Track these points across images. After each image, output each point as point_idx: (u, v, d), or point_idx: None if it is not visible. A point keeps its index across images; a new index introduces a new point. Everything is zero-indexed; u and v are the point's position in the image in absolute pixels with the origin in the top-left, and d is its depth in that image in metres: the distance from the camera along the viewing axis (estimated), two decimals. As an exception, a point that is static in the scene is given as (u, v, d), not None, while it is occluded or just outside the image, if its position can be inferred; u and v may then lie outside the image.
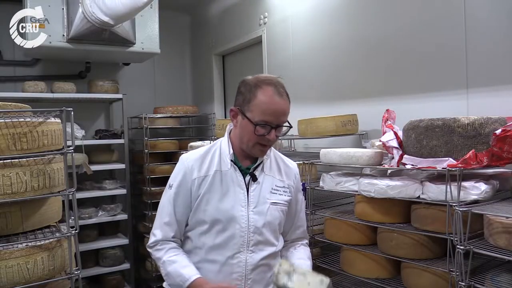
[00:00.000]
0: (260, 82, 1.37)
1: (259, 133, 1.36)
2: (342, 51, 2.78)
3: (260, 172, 1.47)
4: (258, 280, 1.43)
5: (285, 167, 1.55)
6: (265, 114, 1.34)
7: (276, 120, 1.36)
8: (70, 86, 3.60)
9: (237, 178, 1.44)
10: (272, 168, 1.51)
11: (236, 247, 1.41)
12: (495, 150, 1.46)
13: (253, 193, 1.44)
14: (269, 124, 1.35)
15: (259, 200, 1.44)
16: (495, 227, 1.39)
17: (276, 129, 1.37)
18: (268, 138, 1.37)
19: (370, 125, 2.52)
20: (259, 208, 1.43)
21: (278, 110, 1.35)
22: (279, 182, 1.50)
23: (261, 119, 1.34)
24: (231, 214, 1.41)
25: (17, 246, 1.66)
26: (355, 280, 2.02)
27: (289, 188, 1.51)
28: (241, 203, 1.42)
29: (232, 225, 1.41)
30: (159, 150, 3.99)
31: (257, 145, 1.39)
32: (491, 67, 1.92)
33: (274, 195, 1.47)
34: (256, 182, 1.45)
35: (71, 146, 1.80)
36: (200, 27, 4.76)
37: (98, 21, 3.03)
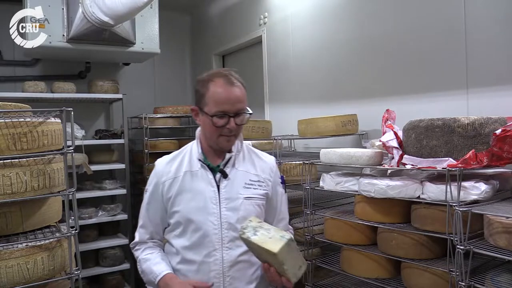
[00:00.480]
0: (211, 76, 1.41)
1: (218, 124, 1.38)
2: (342, 51, 2.78)
3: (231, 168, 1.47)
4: (238, 277, 1.42)
5: (259, 161, 1.55)
6: (219, 104, 1.36)
7: (232, 108, 1.37)
8: (70, 86, 3.60)
9: (207, 176, 1.45)
10: (245, 163, 1.51)
11: (211, 245, 1.41)
12: (495, 150, 1.46)
13: (224, 190, 1.44)
14: (226, 113, 1.37)
15: (231, 196, 1.44)
16: (495, 227, 1.39)
17: (235, 117, 1.38)
18: (229, 128, 1.38)
19: (370, 125, 2.52)
20: (232, 204, 1.44)
21: (232, 97, 1.37)
22: (253, 177, 1.50)
23: (217, 110, 1.37)
24: (203, 212, 1.42)
25: (17, 246, 1.66)
26: (355, 280, 2.02)
27: (265, 182, 1.51)
28: (212, 201, 1.43)
29: (205, 223, 1.41)
30: (159, 150, 3.98)
31: (221, 137, 1.41)
32: (491, 67, 1.92)
33: (248, 189, 1.47)
34: (227, 179, 1.46)
35: (71, 146, 1.80)
36: (200, 27, 4.76)
37: (98, 21, 3.03)
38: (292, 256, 1.28)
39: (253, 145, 2.99)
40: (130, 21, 3.35)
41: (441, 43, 2.14)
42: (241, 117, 1.41)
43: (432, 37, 2.18)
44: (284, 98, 3.37)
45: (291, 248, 1.27)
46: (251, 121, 2.68)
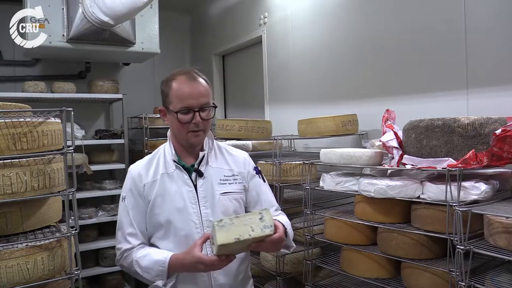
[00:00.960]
0: (173, 75, 1.44)
1: (184, 120, 1.39)
2: (342, 51, 2.78)
3: (205, 166, 1.48)
4: (224, 273, 1.43)
5: (231, 156, 1.56)
6: (182, 100, 1.38)
7: (196, 103, 1.39)
8: (70, 86, 3.60)
9: (183, 176, 1.46)
10: (218, 160, 1.52)
11: None
12: (495, 150, 1.46)
13: (201, 188, 1.46)
14: (191, 108, 1.39)
15: (208, 194, 1.45)
16: (495, 227, 1.39)
17: (200, 112, 1.39)
18: (195, 123, 1.39)
19: (370, 125, 2.52)
20: (209, 201, 1.45)
21: (194, 92, 1.39)
22: (227, 172, 1.51)
23: (181, 106, 1.39)
24: (184, 212, 1.42)
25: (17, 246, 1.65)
26: (355, 280, 2.02)
27: (240, 175, 1.52)
28: (191, 200, 1.44)
29: (187, 222, 1.42)
30: (159, 150, 3.98)
31: (189, 133, 1.42)
32: (491, 67, 1.92)
33: (223, 185, 1.48)
34: (203, 177, 1.47)
35: (71, 146, 1.80)
36: (200, 27, 4.76)
37: (98, 21, 3.03)
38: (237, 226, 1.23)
39: (253, 145, 2.99)
40: (130, 21, 3.35)
41: (441, 43, 2.14)
42: (206, 112, 1.43)
43: (432, 37, 2.18)
44: (284, 98, 3.37)
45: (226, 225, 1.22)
46: (251, 121, 2.68)
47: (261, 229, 1.25)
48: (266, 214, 1.27)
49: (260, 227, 1.25)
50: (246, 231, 1.23)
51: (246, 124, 2.64)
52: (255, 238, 1.24)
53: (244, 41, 3.93)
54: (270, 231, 1.25)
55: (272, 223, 1.27)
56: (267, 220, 1.26)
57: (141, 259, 1.42)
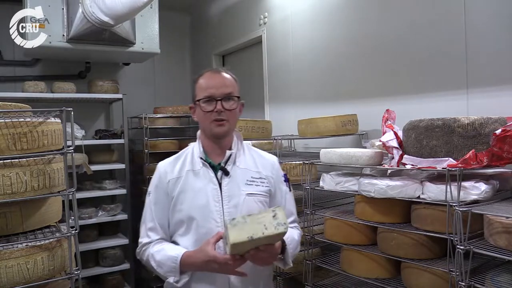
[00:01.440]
0: (201, 73, 1.51)
1: (207, 109, 1.43)
2: (342, 51, 2.78)
3: (232, 165, 1.48)
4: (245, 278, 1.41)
5: (260, 159, 1.56)
6: (205, 90, 1.44)
7: (218, 92, 1.43)
8: (70, 86, 3.60)
9: (208, 174, 1.46)
10: (246, 162, 1.52)
11: None
12: (495, 150, 1.46)
13: (226, 187, 1.45)
14: (212, 97, 1.42)
15: (233, 193, 1.45)
16: (495, 227, 1.39)
17: (222, 101, 1.42)
18: (217, 111, 1.42)
19: (370, 125, 2.52)
20: (234, 201, 1.44)
21: (216, 82, 1.44)
22: (254, 174, 1.50)
23: (204, 95, 1.43)
24: (206, 210, 1.42)
25: (17, 246, 1.65)
26: (355, 280, 2.02)
27: (267, 179, 1.51)
28: (214, 198, 1.43)
29: (208, 221, 1.42)
30: (159, 150, 3.98)
31: (213, 122, 1.44)
32: (491, 67, 1.92)
33: (250, 186, 1.47)
34: (229, 176, 1.46)
35: (71, 146, 1.80)
36: (200, 27, 4.76)
37: (98, 21, 3.03)
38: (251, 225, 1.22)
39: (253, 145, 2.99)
40: (130, 21, 3.35)
41: (441, 43, 2.14)
42: (230, 102, 1.44)
43: (432, 37, 2.18)
44: (284, 98, 3.37)
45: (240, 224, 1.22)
46: (251, 121, 2.68)
47: (274, 226, 1.22)
48: (279, 211, 1.24)
49: (273, 224, 1.22)
50: (259, 229, 1.21)
51: (246, 124, 2.64)
52: (269, 236, 1.22)
53: (244, 41, 3.93)
54: (284, 229, 1.23)
55: (286, 221, 1.24)
56: (281, 218, 1.23)
57: (156, 254, 1.44)
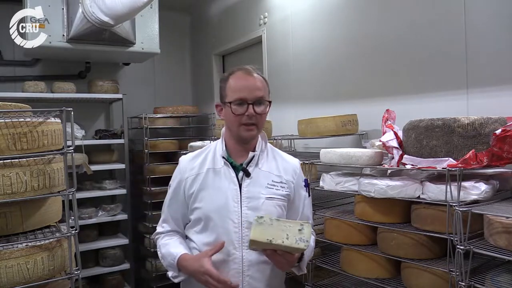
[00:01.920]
0: (231, 71, 1.48)
1: (237, 112, 1.40)
2: (342, 51, 2.78)
3: (254, 167, 1.47)
4: (257, 277, 1.42)
5: (283, 162, 1.55)
6: (237, 92, 1.40)
7: (250, 95, 1.40)
8: (70, 86, 3.60)
9: (229, 174, 1.45)
10: (268, 164, 1.51)
11: (231, 244, 1.40)
12: (495, 150, 1.46)
13: (246, 189, 1.44)
14: (244, 100, 1.39)
15: (253, 195, 1.44)
16: (495, 227, 1.39)
17: (253, 105, 1.40)
18: (248, 115, 1.40)
19: (370, 125, 2.52)
20: (253, 203, 1.43)
21: (249, 85, 1.41)
22: (275, 178, 1.49)
23: (235, 97, 1.40)
24: (224, 209, 1.42)
25: (17, 246, 1.66)
26: (355, 280, 2.02)
27: (288, 184, 1.50)
28: (233, 199, 1.43)
29: (225, 221, 1.41)
30: (159, 150, 3.99)
31: (242, 126, 1.42)
32: (491, 67, 1.92)
33: (270, 189, 1.46)
34: (250, 178, 1.45)
35: (71, 146, 1.80)
36: (200, 27, 4.76)
37: (98, 21, 3.03)
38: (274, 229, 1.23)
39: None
40: (130, 21, 3.35)
41: (441, 43, 2.14)
42: (261, 107, 1.42)
43: (432, 37, 2.18)
44: (284, 98, 3.37)
45: (265, 224, 1.23)
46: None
47: (295, 240, 1.22)
48: (306, 228, 1.24)
49: (295, 238, 1.23)
50: (280, 236, 1.22)
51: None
52: (287, 247, 1.22)
53: (244, 41, 3.93)
54: (304, 246, 1.22)
55: (309, 239, 1.24)
56: (305, 234, 1.23)
57: (162, 247, 1.50)
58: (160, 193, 3.69)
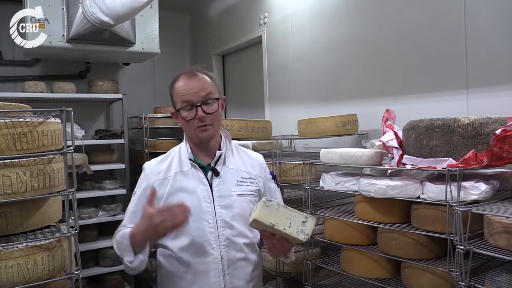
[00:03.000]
0: (175, 76, 1.47)
1: (188, 117, 1.40)
2: (342, 51, 2.78)
3: (222, 166, 1.48)
4: (238, 275, 1.42)
5: (248, 158, 1.56)
6: (182, 97, 1.40)
7: (196, 97, 1.39)
8: (70, 86, 3.60)
9: (198, 175, 1.45)
10: (235, 162, 1.52)
11: (209, 244, 1.40)
12: (495, 150, 1.46)
13: (217, 188, 1.44)
14: (191, 103, 1.39)
15: (224, 194, 1.44)
16: (495, 227, 1.39)
17: (202, 106, 1.39)
18: (199, 118, 1.39)
19: (370, 125, 2.52)
20: (225, 201, 1.43)
21: (192, 87, 1.40)
22: (244, 174, 1.50)
23: (182, 104, 1.40)
24: (197, 211, 1.41)
25: (17, 246, 1.65)
26: (355, 280, 2.02)
27: (256, 179, 1.52)
28: (206, 199, 1.43)
29: (200, 222, 1.41)
30: (159, 150, 3.98)
31: (198, 129, 1.42)
32: (491, 67, 1.92)
33: (240, 186, 1.47)
34: (219, 177, 1.46)
35: (71, 146, 1.80)
36: (200, 27, 4.76)
37: (98, 21, 3.03)
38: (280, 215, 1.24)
39: (253, 145, 2.99)
40: (130, 21, 3.35)
41: (441, 43, 2.14)
42: (210, 105, 1.41)
43: (432, 37, 2.18)
44: (284, 98, 3.37)
45: (272, 208, 1.24)
46: (251, 121, 2.68)
47: (297, 231, 1.23)
48: (310, 222, 1.25)
49: (297, 228, 1.24)
50: (283, 223, 1.23)
51: (246, 124, 2.64)
52: (286, 235, 1.23)
53: (244, 41, 3.93)
54: (303, 238, 1.23)
55: (310, 233, 1.24)
56: (308, 228, 1.24)
57: (116, 234, 1.41)
58: (160, 193, 3.69)
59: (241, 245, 1.44)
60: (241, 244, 1.44)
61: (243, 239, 1.45)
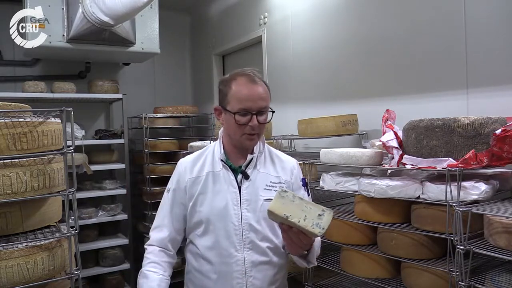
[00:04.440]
0: (234, 75, 1.43)
1: (241, 122, 1.38)
2: (342, 51, 2.78)
3: (252, 169, 1.47)
4: (260, 278, 1.43)
5: (280, 162, 1.55)
6: (241, 101, 1.37)
7: (255, 105, 1.38)
8: (70, 86, 3.60)
9: (229, 177, 1.45)
10: (266, 165, 1.51)
11: (233, 246, 1.41)
12: (495, 150, 1.46)
13: (245, 191, 1.44)
14: (248, 111, 1.37)
15: (252, 198, 1.44)
16: (495, 227, 1.39)
17: (257, 115, 1.38)
18: (252, 126, 1.38)
19: (370, 125, 2.52)
20: (252, 205, 1.44)
21: (254, 95, 1.38)
22: (274, 179, 1.49)
23: (239, 107, 1.37)
24: (224, 212, 1.42)
25: (17, 246, 1.65)
26: (355, 280, 2.02)
27: (286, 183, 1.50)
28: (233, 202, 1.43)
29: (226, 223, 1.42)
30: (159, 150, 3.99)
31: (244, 135, 1.41)
32: (491, 67, 1.92)
33: (269, 191, 1.46)
34: (248, 180, 1.46)
35: (71, 146, 1.80)
36: (200, 27, 4.76)
37: (98, 21, 3.03)
38: (295, 206, 1.21)
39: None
40: (130, 21, 3.35)
41: (441, 43, 2.14)
42: (264, 116, 1.41)
43: (432, 37, 2.18)
44: (284, 98, 3.37)
45: (287, 199, 1.21)
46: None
47: (312, 224, 1.19)
48: (327, 215, 1.21)
49: (313, 221, 1.20)
50: (298, 215, 1.20)
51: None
52: (301, 228, 1.20)
53: (244, 41, 3.93)
54: (318, 232, 1.20)
55: (326, 227, 1.20)
56: (324, 222, 1.20)
57: (142, 276, 1.44)
58: (160, 193, 3.67)
59: (265, 249, 1.44)
60: (264, 247, 1.44)
61: (267, 243, 1.45)
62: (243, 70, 1.44)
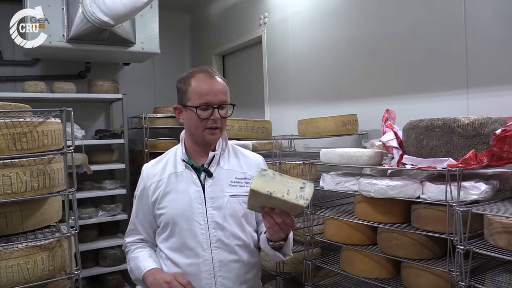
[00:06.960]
0: (192, 72, 1.45)
1: (203, 116, 1.40)
2: (342, 51, 2.78)
3: (216, 167, 1.48)
4: (229, 277, 1.42)
5: (245, 158, 1.56)
6: (202, 96, 1.39)
7: (215, 99, 1.40)
8: (70, 86, 3.60)
9: (191, 176, 1.46)
10: (230, 162, 1.51)
11: (200, 245, 1.41)
12: (495, 150, 1.46)
13: (209, 189, 1.44)
14: (210, 104, 1.40)
15: (216, 195, 1.44)
16: (495, 227, 1.39)
17: (218, 109, 1.41)
18: (213, 119, 1.40)
19: (370, 125, 2.52)
20: (217, 203, 1.43)
21: (214, 89, 1.41)
22: (239, 174, 1.49)
23: (201, 102, 1.39)
24: (189, 212, 1.42)
25: (17, 246, 1.66)
26: (355, 280, 2.02)
27: (252, 179, 1.49)
28: (197, 200, 1.43)
29: (191, 223, 1.42)
30: (159, 150, 3.98)
31: (206, 130, 1.42)
32: (491, 67, 1.92)
33: (234, 187, 1.46)
34: (212, 178, 1.46)
35: (71, 146, 1.80)
36: (200, 27, 4.77)
37: (98, 21, 3.03)
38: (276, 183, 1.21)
39: (253, 145, 2.99)
40: (130, 21, 3.35)
41: (441, 43, 2.14)
42: (224, 110, 1.43)
43: (432, 37, 2.18)
44: (284, 98, 3.37)
45: (268, 177, 1.21)
46: (251, 121, 2.68)
47: (296, 196, 1.19)
48: (308, 187, 1.21)
49: (296, 194, 1.20)
50: (281, 190, 1.19)
51: (246, 124, 2.64)
52: (286, 201, 1.19)
53: (244, 41, 3.93)
54: (303, 203, 1.19)
55: (310, 198, 1.20)
56: (307, 193, 1.20)
57: (132, 260, 1.50)
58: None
59: (233, 247, 1.43)
60: (233, 245, 1.43)
61: (235, 241, 1.44)
62: (200, 67, 1.47)
